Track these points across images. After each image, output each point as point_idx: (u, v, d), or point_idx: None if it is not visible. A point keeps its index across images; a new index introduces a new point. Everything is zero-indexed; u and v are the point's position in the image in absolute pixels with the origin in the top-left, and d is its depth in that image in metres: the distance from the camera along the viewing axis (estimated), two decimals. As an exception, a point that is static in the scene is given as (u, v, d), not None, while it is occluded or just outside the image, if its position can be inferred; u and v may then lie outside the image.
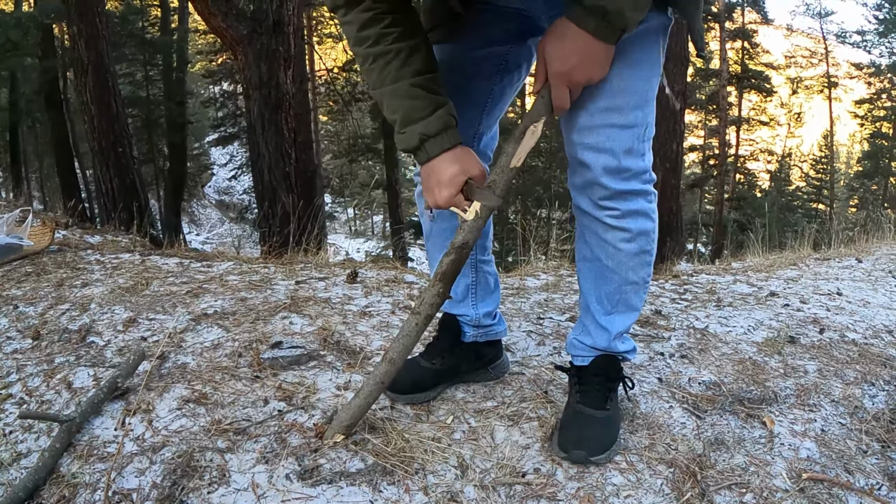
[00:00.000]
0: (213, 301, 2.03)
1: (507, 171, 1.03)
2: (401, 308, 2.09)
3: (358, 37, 1.07)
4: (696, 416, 1.48)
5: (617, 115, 1.07)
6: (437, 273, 1.03)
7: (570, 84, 1.01)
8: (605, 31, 0.95)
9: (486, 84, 1.27)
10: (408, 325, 1.04)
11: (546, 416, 1.38)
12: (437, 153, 1.07)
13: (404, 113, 1.07)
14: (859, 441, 1.45)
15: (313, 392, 1.40)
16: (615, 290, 1.23)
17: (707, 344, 1.97)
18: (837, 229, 7.59)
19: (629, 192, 1.12)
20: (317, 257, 3.26)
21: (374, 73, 1.09)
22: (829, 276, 3.60)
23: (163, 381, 1.42)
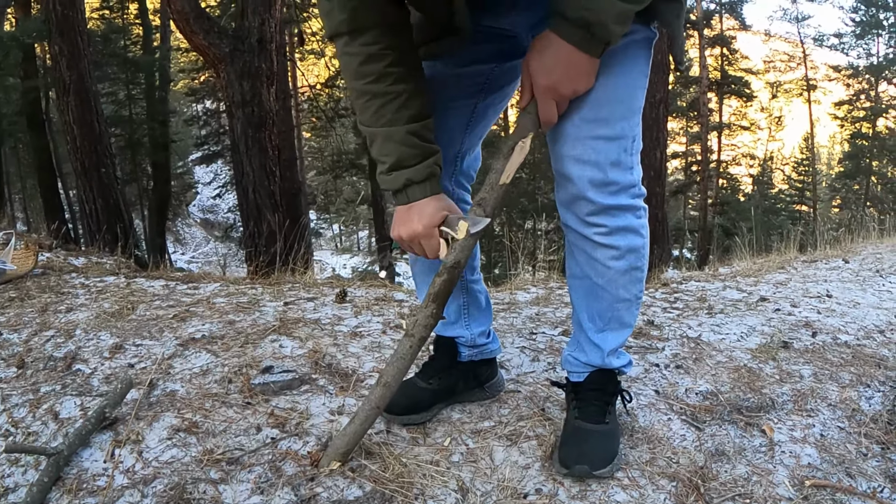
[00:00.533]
0: (201, 325, 1.99)
1: (497, 189, 1.02)
2: (391, 328, 2.06)
3: (359, 71, 1.05)
4: (696, 427, 1.47)
5: (603, 126, 1.06)
6: (429, 294, 1.01)
7: (556, 97, 1.00)
8: (588, 44, 0.95)
9: (468, 102, 1.26)
10: (402, 347, 1.02)
11: (545, 435, 1.36)
12: (417, 199, 1.08)
13: (396, 158, 1.07)
14: (859, 444, 1.45)
15: (306, 418, 1.37)
16: (607, 307, 1.22)
17: (701, 353, 1.96)
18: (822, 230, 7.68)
19: (616, 208, 1.10)
20: (304, 277, 3.22)
21: (368, 111, 1.07)
22: (817, 279, 3.62)
23: (152, 410, 1.38)
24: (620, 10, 0.92)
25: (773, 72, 25.24)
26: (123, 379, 1.34)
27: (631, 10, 0.94)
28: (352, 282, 3.14)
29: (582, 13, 0.92)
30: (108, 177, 6.85)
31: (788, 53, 24.64)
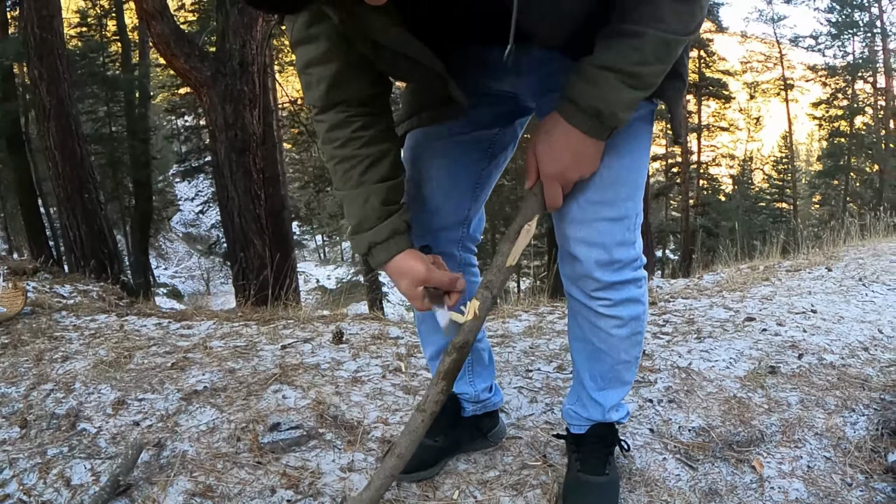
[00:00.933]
0: (201, 374, 2.01)
1: (504, 271, 1.05)
2: (391, 371, 2.10)
3: (327, 136, 1.08)
4: (690, 466, 1.52)
5: (608, 208, 1.09)
6: (439, 371, 1.05)
7: (562, 182, 1.02)
8: (597, 130, 0.96)
9: (474, 169, 1.28)
10: (413, 421, 1.05)
11: (548, 483, 1.41)
12: (384, 260, 1.09)
13: (357, 220, 1.09)
14: (844, 474, 1.50)
15: (318, 476, 1.40)
16: (608, 369, 1.26)
17: (692, 384, 2.02)
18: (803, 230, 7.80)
19: (621, 282, 1.14)
20: (297, 311, 3.24)
21: (337, 174, 1.10)
22: (801, 291, 3.70)
23: (164, 473, 1.40)
24: (630, 98, 0.94)
25: (750, 72, 25.62)
26: (134, 444, 1.36)
27: (640, 97, 0.95)
28: (344, 315, 3.16)
29: (592, 102, 0.94)
30: (92, 202, 6.79)
31: (765, 54, 25.04)
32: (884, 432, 1.68)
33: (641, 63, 0.91)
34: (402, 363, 2.19)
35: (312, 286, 22.63)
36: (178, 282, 24.69)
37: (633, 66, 0.91)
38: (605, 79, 0.92)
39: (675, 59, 0.95)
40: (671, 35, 0.90)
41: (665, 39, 0.90)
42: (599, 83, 0.92)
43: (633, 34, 0.89)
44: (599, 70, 0.92)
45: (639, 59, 0.91)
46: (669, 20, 0.88)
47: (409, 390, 1.94)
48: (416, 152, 1.26)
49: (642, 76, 0.92)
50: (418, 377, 2.06)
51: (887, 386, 2.00)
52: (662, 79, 0.97)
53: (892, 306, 3.27)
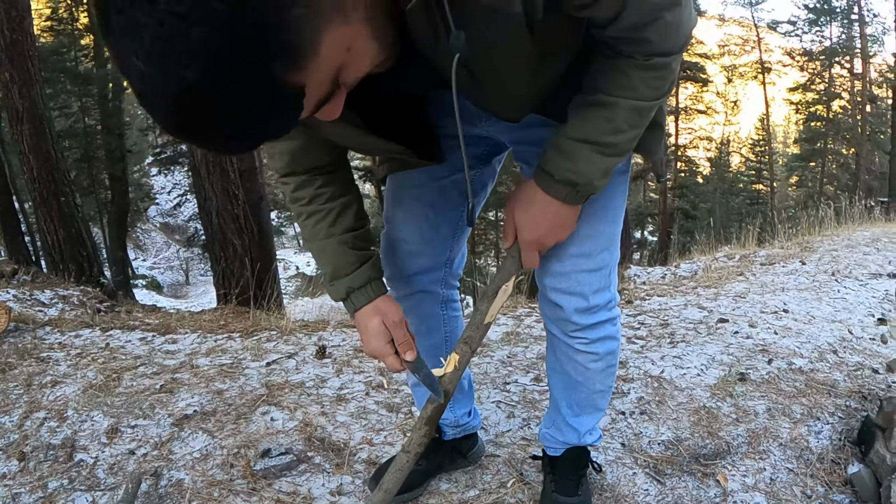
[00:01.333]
0: (190, 398, 2.06)
1: (482, 328, 1.11)
2: (374, 388, 2.17)
3: (293, 196, 1.12)
4: (658, 480, 1.59)
5: (586, 260, 1.13)
6: (422, 417, 1.11)
7: (539, 248, 1.06)
8: (574, 198, 0.99)
9: (454, 213, 1.31)
10: (399, 461, 1.12)
11: (524, 501, 1.50)
12: (362, 304, 1.12)
13: (334, 267, 1.13)
14: (804, 486, 1.58)
15: (309, 501, 1.47)
16: (584, 398, 1.34)
17: (664, 394, 2.08)
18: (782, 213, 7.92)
19: (597, 323, 1.21)
20: (280, 320, 3.28)
21: (307, 228, 1.14)
22: (775, 287, 3.76)
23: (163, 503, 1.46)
24: (606, 166, 0.96)
25: (727, 56, 25.80)
26: (133, 476, 1.41)
27: (616, 163, 0.97)
28: (326, 323, 3.20)
29: (568, 175, 0.96)
30: (69, 206, 6.69)
31: (743, 37, 25.20)
32: (846, 443, 1.75)
33: (615, 132, 0.92)
34: (384, 378, 2.25)
35: (292, 273, 22.54)
36: (157, 272, 24.39)
37: (606, 137, 0.92)
38: (579, 151, 0.94)
39: (648, 122, 0.96)
40: (643, 102, 0.90)
41: (637, 107, 0.90)
42: (574, 156, 0.95)
43: (605, 104, 0.90)
44: (574, 143, 0.94)
45: (612, 128, 0.91)
46: (641, 89, 0.89)
47: (391, 408, 2.01)
48: (396, 195, 1.29)
49: (617, 145, 0.93)
50: (400, 393, 2.13)
51: (853, 392, 2.06)
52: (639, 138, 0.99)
53: (863, 304, 3.36)
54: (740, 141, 29.85)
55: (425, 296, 1.36)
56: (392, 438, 1.80)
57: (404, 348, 1.10)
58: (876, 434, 1.63)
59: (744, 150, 28.84)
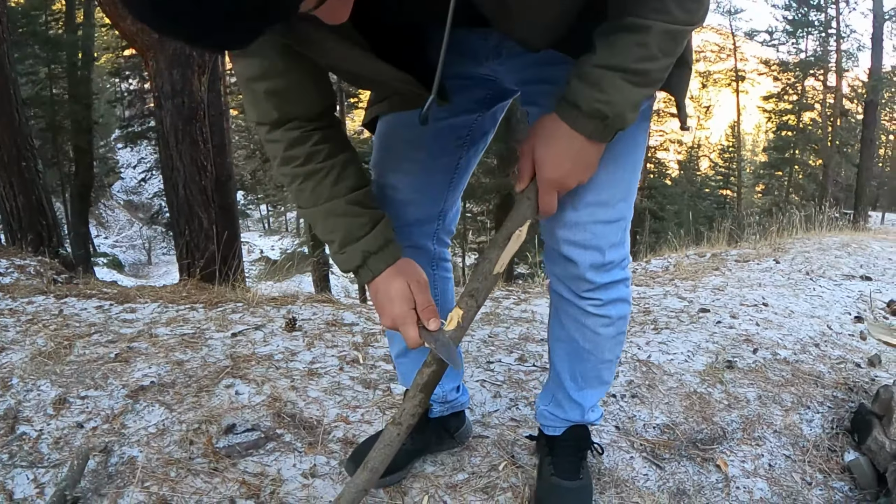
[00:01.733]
0: (147, 368, 1.88)
1: (490, 279, 0.98)
2: (348, 362, 2.02)
3: (285, 156, 0.98)
4: (657, 465, 1.52)
5: (604, 209, 1.04)
6: (417, 384, 0.98)
7: (560, 189, 0.95)
8: (601, 134, 0.89)
9: (450, 159, 1.20)
10: (388, 434, 0.98)
11: (518, 485, 1.38)
12: (381, 270, 1.00)
13: (345, 232, 1.00)
14: (803, 473, 1.54)
15: (279, 483, 1.32)
16: (590, 368, 1.23)
17: (653, 378, 2.02)
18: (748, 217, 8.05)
19: (612, 283, 1.11)
20: (245, 292, 3.10)
21: (305, 193, 1.00)
22: (752, 283, 3.79)
23: (113, 484, 1.29)
24: (637, 97, 0.87)
25: (703, 62, 26.17)
26: (79, 451, 1.24)
27: (647, 95, 0.89)
28: (295, 297, 3.03)
29: (597, 105, 0.86)
30: (30, 171, 6.30)
31: (719, 45, 25.57)
32: (838, 431, 1.73)
33: (647, 59, 0.84)
34: (359, 353, 2.12)
35: (256, 257, 22.20)
36: (119, 251, 23.84)
37: (638, 64, 0.84)
38: (608, 79, 0.85)
39: (680, 51, 0.88)
40: (677, 26, 0.83)
41: (671, 31, 0.83)
42: (603, 85, 0.85)
43: (637, 28, 0.82)
44: (603, 70, 0.85)
45: (644, 54, 0.83)
46: (675, 11, 0.81)
47: (368, 384, 1.87)
48: (388, 140, 1.17)
49: (649, 73, 0.85)
50: (377, 369, 1.99)
51: (838, 383, 2.06)
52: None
53: (839, 302, 3.40)
54: (710, 146, 30.40)
55: (415, 252, 1.23)
56: (370, 416, 1.66)
57: (427, 314, 0.98)
58: (872, 422, 1.63)
59: (713, 155, 29.38)
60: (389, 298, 0.98)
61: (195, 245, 5.55)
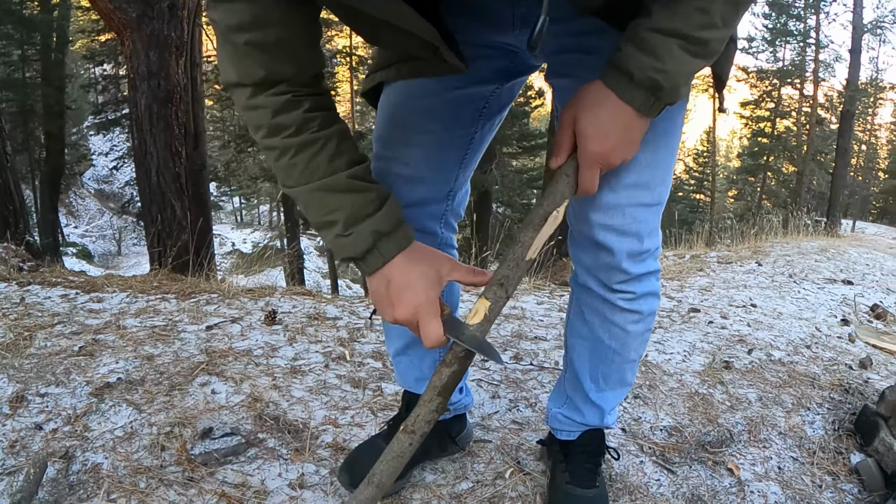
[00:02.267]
0: (115, 363, 1.73)
1: (523, 265, 0.86)
2: (334, 360, 1.89)
3: (273, 125, 0.84)
4: (668, 469, 1.45)
5: (644, 192, 0.95)
6: (434, 386, 0.85)
7: (604, 166, 0.85)
8: (651, 107, 0.80)
9: (465, 132, 1.08)
10: (399, 444, 0.86)
11: (527, 494, 1.27)
12: (393, 254, 0.87)
13: (350, 210, 0.85)
14: (813, 476, 1.50)
15: (263, 495, 1.18)
16: (614, 369, 1.13)
17: (654, 378, 1.96)
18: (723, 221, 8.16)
19: (646, 274, 1.02)
20: (220, 283, 2.94)
21: (297, 168, 0.85)
22: (737, 284, 3.79)
23: (75, 495, 1.14)
24: (693, 69, 0.79)
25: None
26: (36, 458, 1.09)
27: (702, 68, 0.81)
28: (273, 289, 2.88)
29: (651, 74, 0.77)
30: (-2, 154, 6.04)
31: (698, 51, 25.77)
32: (841, 433, 1.70)
33: (708, 27, 0.75)
34: (345, 350, 1.99)
35: (227, 250, 21.82)
36: (89, 241, 23.27)
37: (699, 31, 0.75)
38: (665, 45, 0.75)
39: (738, 22, 0.80)
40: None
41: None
42: (660, 52, 0.76)
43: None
44: (660, 36, 0.75)
45: (706, 21, 0.74)
46: None
47: (357, 383, 1.74)
48: (396, 110, 1.04)
49: (709, 43, 0.76)
50: (365, 367, 1.87)
51: (834, 385, 2.04)
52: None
53: (824, 305, 3.43)
54: (685, 150, 30.80)
55: (421, 236, 1.10)
56: (360, 419, 1.53)
57: (474, 282, 0.89)
58: (878, 423, 1.61)
59: (688, 159, 29.77)
60: (409, 285, 0.85)
61: (167, 234, 5.34)
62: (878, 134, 34.25)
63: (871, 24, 16.36)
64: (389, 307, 0.86)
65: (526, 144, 15.78)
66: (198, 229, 5.09)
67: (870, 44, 18.98)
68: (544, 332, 2.38)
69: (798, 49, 20.80)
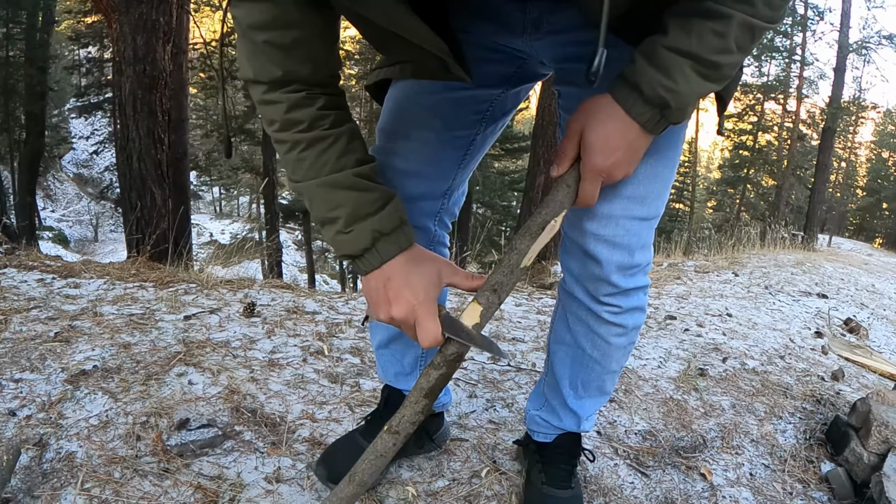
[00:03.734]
0: (90, 350, 1.70)
1: (517, 273, 0.86)
2: (312, 354, 1.88)
3: (286, 119, 0.85)
4: (642, 473, 1.47)
5: (639, 205, 0.95)
6: (420, 388, 0.85)
7: (606, 179, 0.85)
8: (656, 125, 0.81)
9: (466, 133, 1.09)
10: (383, 444, 0.85)
11: (503, 493, 1.28)
12: (392, 255, 0.87)
13: (352, 208, 0.86)
14: (784, 483, 1.53)
15: (239, 488, 1.17)
16: (594, 378, 1.14)
17: (629, 383, 1.98)
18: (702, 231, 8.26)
19: (634, 289, 1.02)
20: (199, 274, 2.91)
21: (305, 163, 0.86)
22: (713, 293, 3.84)
23: (48, 484, 1.12)
24: (703, 92, 0.80)
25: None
26: (10, 446, 1.07)
27: (712, 91, 0.81)
28: (252, 282, 2.87)
29: (661, 93, 0.78)
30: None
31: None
32: (813, 442, 1.74)
33: (723, 51, 0.75)
34: (323, 344, 1.98)
35: (205, 240, 21.60)
36: (66, 226, 22.87)
37: (713, 55, 0.75)
38: (678, 65, 0.76)
39: (752, 50, 0.81)
40: (758, 21, 0.75)
41: (752, 25, 0.75)
42: (672, 71, 0.76)
43: (717, 15, 0.73)
44: (673, 55, 0.76)
45: (721, 46, 0.75)
46: (758, 4, 0.73)
47: (335, 378, 1.74)
48: (401, 104, 1.05)
49: (721, 67, 0.77)
50: (343, 363, 1.87)
51: (806, 395, 2.08)
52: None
53: (798, 317, 3.50)
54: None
55: (415, 232, 1.11)
56: (338, 414, 1.53)
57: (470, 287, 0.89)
58: (849, 434, 1.64)
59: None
60: (408, 284, 0.85)
61: (146, 221, 5.26)
62: (857, 152, 34.96)
63: (857, 44, 16.62)
64: (386, 305, 0.87)
65: (509, 147, 15.82)
66: (177, 218, 5.04)
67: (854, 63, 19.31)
68: (522, 333, 2.39)
69: (783, 65, 21.10)
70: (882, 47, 16.67)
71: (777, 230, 7.74)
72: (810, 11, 18.32)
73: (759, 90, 22.03)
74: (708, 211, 28.70)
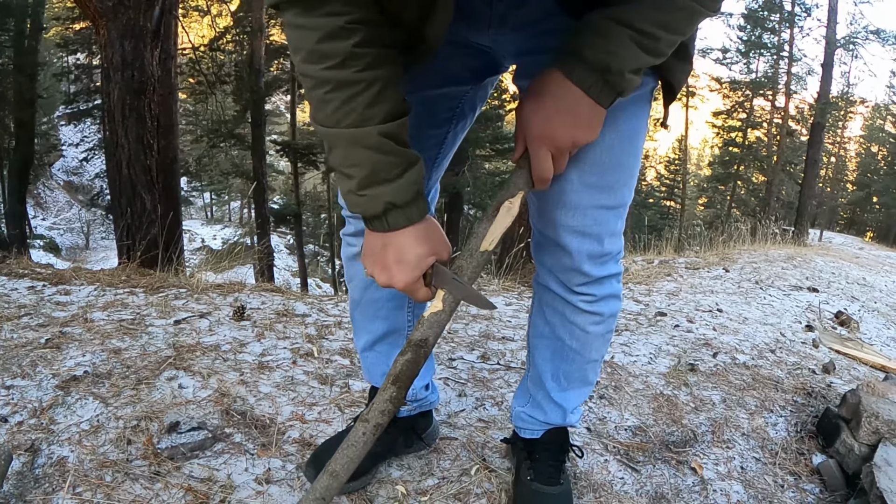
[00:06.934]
0: (81, 356, 1.71)
1: (476, 256, 0.87)
2: (302, 356, 1.89)
3: (317, 51, 0.76)
4: (632, 468, 1.48)
5: (606, 194, 0.97)
6: (389, 375, 0.86)
7: (552, 148, 0.85)
8: (600, 92, 0.81)
9: (438, 132, 1.10)
10: (354, 434, 0.87)
11: (493, 491, 1.29)
12: (400, 226, 0.84)
13: (370, 170, 0.81)
14: (775, 476, 1.54)
15: (230, 490, 1.18)
16: (575, 369, 1.16)
17: (619, 379, 1.99)
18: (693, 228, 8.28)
19: (606, 277, 1.04)
20: (189, 279, 2.91)
21: (329, 106, 0.79)
22: (704, 289, 3.86)
23: (40, 488, 1.12)
24: (640, 63, 0.81)
25: (655, 77, 26.74)
26: (1, 453, 1.07)
27: (648, 65, 0.83)
28: (243, 285, 2.86)
29: (601, 55, 0.79)
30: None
31: (672, 61, 26.17)
32: (803, 434, 1.76)
33: (661, 26, 0.78)
34: (313, 346, 1.99)
35: (197, 246, 21.55)
36: (57, 234, 22.79)
37: (652, 27, 0.78)
38: (617, 33, 0.78)
39: (691, 32, 0.84)
40: (698, 6, 0.78)
41: (692, 9, 0.78)
42: (611, 37, 0.78)
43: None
44: (612, 23, 0.78)
45: (660, 20, 0.78)
46: None
47: (324, 380, 1.75)
48: None
49: (658, 41, 0.79)
50: (333, 364, 1.87)
51: (797, 388, 2.09)
52: (671, 55, 0.84)
53: (789, 311, 3.51)
54: (657, 158, 31.22)
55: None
56: (328, 415, 1.54)
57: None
58: (839, 426, 1.66)
59: (660, 166, 30.18)
60: (402, 261, 0.85)
61: (136, 227, 5.25)
62: (847, 146, 35.20)
63: (844, 39, 16.73)
64: (377, 268, 0.87)
65: (499, 147, 15.86)
66: (167, 223, 5.03)
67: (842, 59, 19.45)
68: (512, 332, 2.40)
69: (771, 61, 21.22)
70: (869, 42, 16.79)
71: (768, 226, 7.77)
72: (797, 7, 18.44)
73: (748, 87, 22.15)
74: (699, 208, 28.84)
